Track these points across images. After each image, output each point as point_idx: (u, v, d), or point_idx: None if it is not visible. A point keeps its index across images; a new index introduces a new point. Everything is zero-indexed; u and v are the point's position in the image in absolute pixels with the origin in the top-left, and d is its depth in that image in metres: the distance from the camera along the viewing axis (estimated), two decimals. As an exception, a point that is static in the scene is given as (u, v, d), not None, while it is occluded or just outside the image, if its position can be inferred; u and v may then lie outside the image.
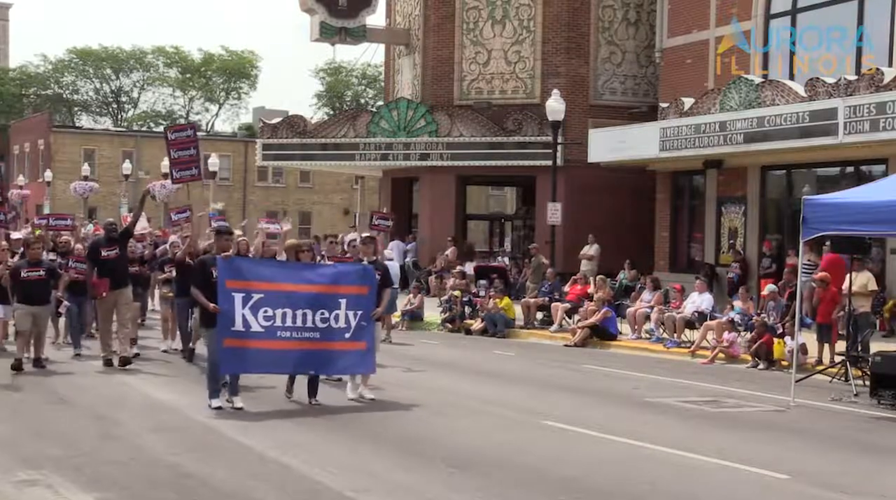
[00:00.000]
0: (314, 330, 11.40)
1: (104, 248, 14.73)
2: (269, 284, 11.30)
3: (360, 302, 11.63)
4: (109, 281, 14.46)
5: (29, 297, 14.03)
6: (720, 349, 17.44)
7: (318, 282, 11.61)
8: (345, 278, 11.75)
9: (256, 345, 11.16)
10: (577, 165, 27.68)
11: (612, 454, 9.60)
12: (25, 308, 14.03)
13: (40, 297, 14.11)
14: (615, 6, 29.79)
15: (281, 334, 11.26)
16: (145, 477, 8.32)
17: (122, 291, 14.72)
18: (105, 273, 14.57)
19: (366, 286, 11.74)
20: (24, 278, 14.07)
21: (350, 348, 11.62)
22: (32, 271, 14.09)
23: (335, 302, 11.48)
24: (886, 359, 13.35)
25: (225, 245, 11.78)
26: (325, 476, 8.42)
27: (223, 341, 10.99)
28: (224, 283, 11.02)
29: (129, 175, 49.65)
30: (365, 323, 11.64)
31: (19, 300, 14.17)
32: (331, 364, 11.77)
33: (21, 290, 14.13)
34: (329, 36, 31.72)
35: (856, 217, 12.71)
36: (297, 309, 11.29)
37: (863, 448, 10.41)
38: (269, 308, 11.15)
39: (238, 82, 77.01)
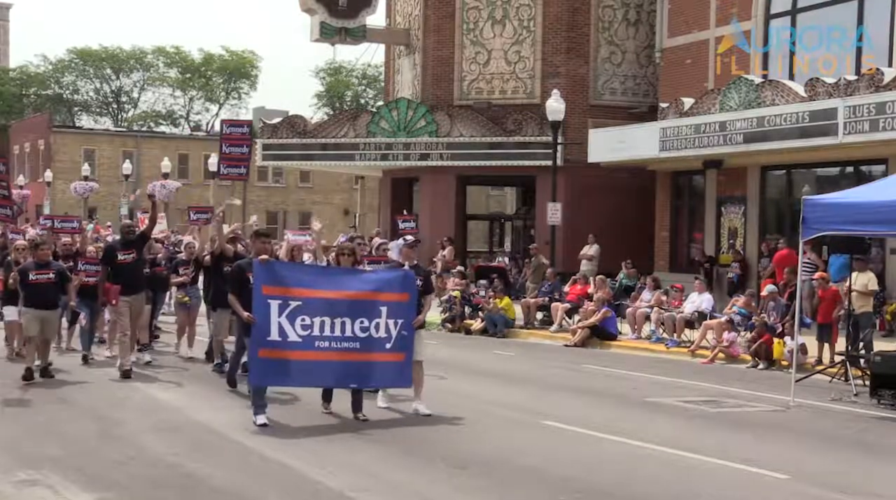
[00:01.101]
0: (354, 340, 10.66)
1: (120, 251, 13.96)
2: (308, 290, 10.54)
3: (401, 310, 10.87)
4: (122, 287, 13.62)
5: (37, 300, 13.20)
6: (720, 349, 17.44)
7: (358, 288, 10.82)
8: (386, 285, 10.97)
9: (293, 356, 10.43)
10: (577, 165, 27.68)
11: (612, 453, 9.60)
12: (33, 312, 13.18)
13: (49, 301, 13.32)
14: (615, 6, 29.79)
15: (319, 344, 10.51)
16: (145, 477, 8.32)
17: (137, 297, 14.00)
18: (120, 278, 13.73)
19: (406, 293, 10.96)
20: (33, 280, 13.23)
21: (389, 360, 10.88)
22: (41, 274, 13.27)
23: (376, 310, 10.71)
24: (886, 359, 13.36)
25: (262, 248, 11.07)
26: (325, 476, 8.42)
27: (258, 351, 10.31)
28: (260, 289, 10.30)
29: (129, 175, 49.67)
30: (406, 333, 10.88)
31: (27, 304, 13.30)
32: (370, 377, 10.95)
33: (29, 293, 13.28)
34: (329, 36, 31.72)
35: (856, 217, 12.72)
36: (337, 317, 10.54)
37: (863, 448, 10.41)
38: (307, 317, 10.39)
39: (238, 82, 77.06)
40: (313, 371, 10.65)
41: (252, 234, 12.03)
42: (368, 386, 11.21)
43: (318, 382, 10.99)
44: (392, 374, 11.00)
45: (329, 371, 10.69)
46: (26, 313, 13.24)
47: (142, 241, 14.35)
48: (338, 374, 10.72)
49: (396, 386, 11.28)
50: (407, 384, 11.12)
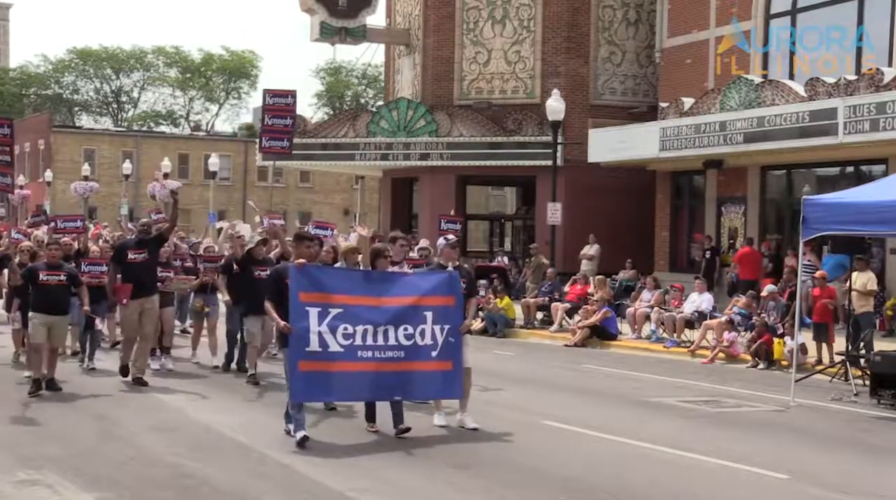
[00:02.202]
0: (398, 349, 9.91)
1: (132, 250, 13.10)
2: (349, 296, 9.81)
3: (448, 315, 10.17)
4: (133, 287, 12.85)
5: (47, 304, 12.19)
6: (720, 349, 17.45)
7: (401, 293, 10.10)
8: (430, 288, 10.23)
9: (335, 368, 9.68)
10: (577, 165, 27.68)
11: (612, 453, 9.60)
12: (41, 318, 12.17)
13: (60, 305, 12.33)
14: (615, 6, 29.79)
15: (362, 354, 9.76)
16: (145, 477, 8.32)
17: (148, 299, 13.11)
18: (129, 278, 12.92)
19: (452, 296, 10.24)
20: (43, 282, 12.25)
21: (436, 369, 10.14)
22: (52, 275, 12.30)
23: (420, 316, 10.01)
24: (886, 359, 13.36)
25: (306, 253, 10.15)
26: (325, 476, 8.42)
27: (297, 364, 9.50)
28: (297, 296, 9.51)
29: (129, 175, 49.69)
30: (452, 339, 10.17)
31: (35, 308, 12.31)
32: (417, 388, 10.25)
33: (38, 296, 12.30)
34: (329, 36, 31.73)
35: (856, 217, 12.72)
36: (380, 325, 9.82)
37: (863, 448, 10.41)
38: (349, 325, 9.67)
39: (238, 82, 77.09)
40: (357, 384, 9.89)
41: (294, 237, 10.97)
42: (414, 398, 10.66)
43: (363, 395, 10.15)
44: (440, 384, 10.25)
45: (373, 383, 9.91)
46: (33, 319, 12.30)
47: (157, 242, 13.51)
48: (382, 386, 9.94)
49: (445, 397, 10.53)
50: (458, 395, 10.38)
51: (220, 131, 74.92)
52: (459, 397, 10.40)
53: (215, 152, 49.81)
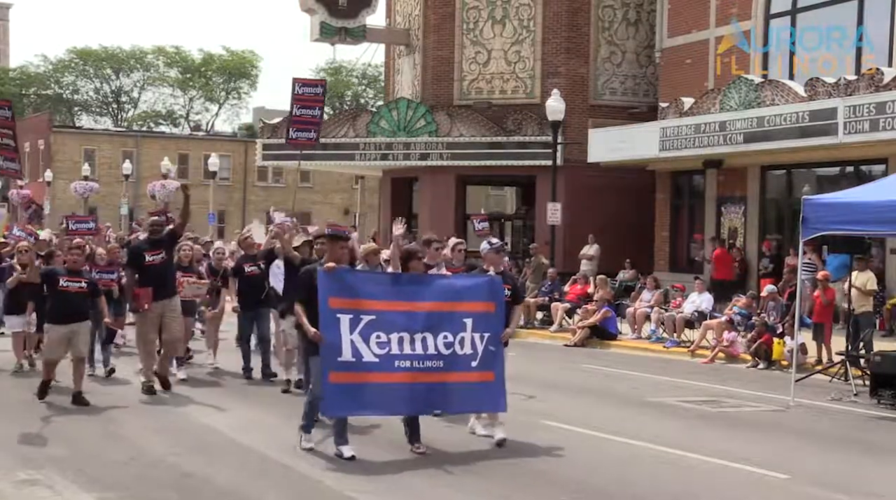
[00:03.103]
0: (437, 358, 9.25)
1: (148, 252, 12.41)
2: (383, 302, 9.16)
3: (489, 322, 9.50)
4: (154, 291, 12.22)
5: (66, 313, 11.37)
6: (720, 349, 17.46)
7: (438, 298, 9.42)
8: (469, 293, 9.58)
9: (369, 379, 9.01)
10: (577, 165, 27.68)
11: (612, 454, 9.60)
12: (58, 330, 11.39)
13: (79, 313, 11.51)
14: (615, 6, 29.78)
15: (399, 364, 9.10)
16: (146, 477, 8.33)
17: (169, 302, 12.50)
18: (148, 282, 12.27)
19: (493, 302, 9.59)
20: (63, 288, 11.40)
21: (477, 380, 9.48)
22: (73, 281, 11.49)
23: (459, 322, 9.35)
24: (886, 359, 13.37)
25: (339, 254, 9.34)
26: (325, 476, 8.43)
27: (328, 375, 8.83)
28: (327, 302, 8.86)
29: (129, 175, 49.68)
30: (493, 348, 9.51)
31: (51, 319, 11.50)
32: (457, 400, 9.60)
33: (56, 303, 11.49)
34: (329, 36, 31.72)
35: (856, 217, 12.73)
36: (416, 332, 9.16)
37: (863, 448, 10.42)
38: (383, 333, 9.02)
39: (238, 82, 77.09)
40: (393, 397, 9.17)
41: (327, 236, 10.16)
42: (455, 411, 10.05)
43: (400, 409, 9.41)
44: (481, 396, 9.60)
45: (411, 396, 9.20)
46: (50, 331, 11.49)
47: (171, 240, 12.83)
48: (421, 399, 9.28)
49: (488, 410, 9.88)
50: (502, 408, 9.69)
51: (220, 131, 74.94)
52: (504, 411, 9.74)
53: (215, 152, 49.77)
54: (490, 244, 10.32)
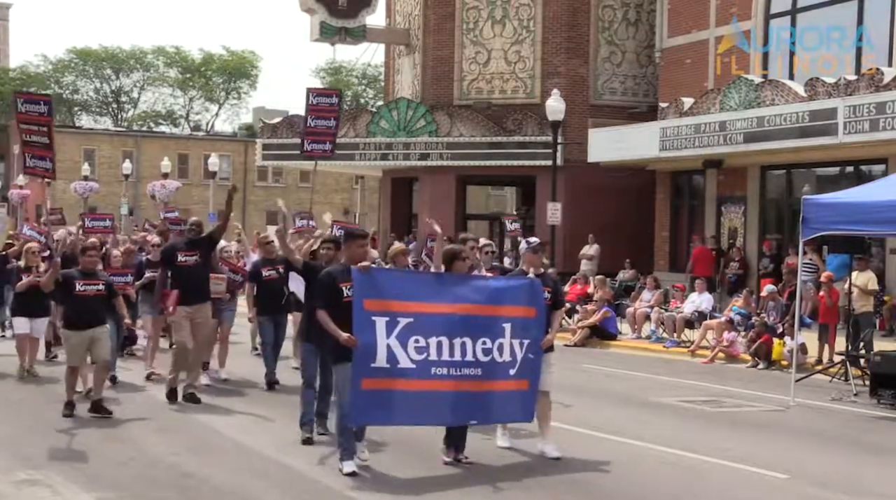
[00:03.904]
0: (475, 365, 8.68)
1: (182, 252, 11.87)
2: (420, 303, 8.58)
3: (528, 328, 8.97)
4: (181, 294, 11.66)
5: (84, 317, 10.85)
6: (720, 349, 17.46)
7: (476, 300, 8.84)
8: (509, 296, 9.01)
9: (403, 387, 8.42)
10: (577, 165, 27.68)
11: (612, 453, 9.60)
12: (78, 336, 10.81)
13: (98, 317, 11.02)
14: (615, 6, 29.79)
15: (436, 371, 8.53)
16: (146, 477, 8.33)
17: (200, 306, 11.91)
18: (179, 283, 11.75)
19: (534, 307, 9.04)
20: (80, 292, 10.85)
21: (513, 389, 8.95)
22: (90, 284, 10.93)
23: (498, 327, 8.80)
24: (886, 359, 13.37)
25: (359, 253, 8.75)
26: (325, 476, 8.43)
27: (361, 381, 8.23)
28: (361, 304, 8.30)
29: (128, 175, 49.69)
30: (532, 356, 8.97)
31: (70, 324, 10.97)
32: (495, 410, 9.05)
33: (73, 309, 10.96)
34: (329, 36, 31.73)
35: (856, 217, 12.73)
36: (455, 337, 8.60)
37: (863, 448, 10.42)
38: (421, 337, 8.46)
39: (238, 82, 77.09)
40: (428, 405, 8.62)
41: (345, 235, 9.57)
42: (492, 422, 9.51)
43: (434, 418, 8.86)
44: (514, 406, 9.06)
45: (447, 405, 8.67)
46: (69, 338, 10.93)
47: (209, 243, 12.16)
48: (458, 408, 8.72)
49: (518, 420, 9.41)
50: (528, 419, 9.22)
51: (219, 131, 74.98)
52: (530, 421, 9.25)
53: (215, 152, 49.80)
54: (528, 243, 9.73)
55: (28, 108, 12.10)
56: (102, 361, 10.98)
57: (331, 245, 9.91)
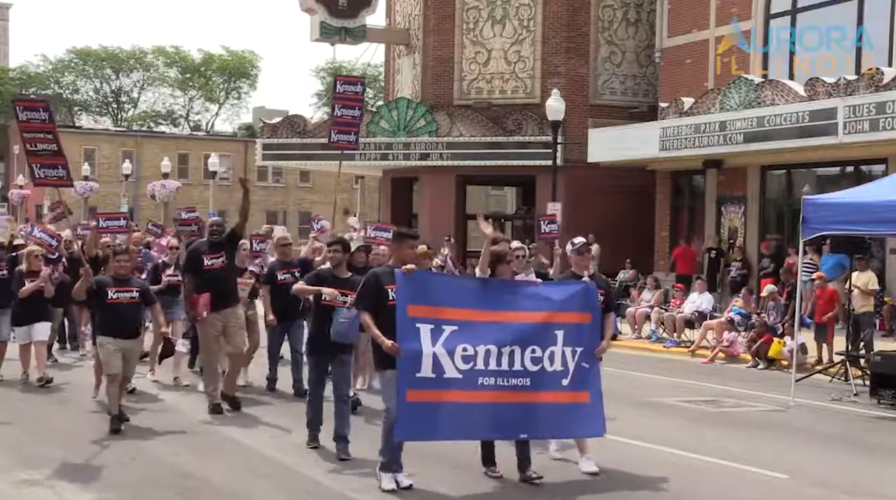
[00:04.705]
0: (524, 375, 8.17)
1: (206, 255, 11.26)
2: (466, 310, 8.11)
3: (581, 335, 8.43)
4: (212, 298, 11.07)
5: (118, 326, 10.30)
6: (720, 349, 17.46)
7: (527, 306, 8.36)
8: (561, 302, 8.48)
9: (449, 398, 7.91)
10: (577, 165, 27.68)
11: (612, 454, 9.59)
12: (115, 342, 10.28)
13: (132, 327, 10.49)
14: (615, 6, 29.78)
15: (483, 381, 8.02)
16: (146, 477, 8.33)
17: (232, 311, 11.36)
18: (207, 288, 11.11)
19: (588, 312, 8.53)
20: (113, 300, 10.33)
21: (568, 401, 8.38)
22: (123, 291, 10.41)
23: (549, 335, 8.28)
24: (886, 359, 13.38)
25: (408, 255, 8.27)
26: (325, 476, 8.43)
27: (406, 393, 7.75)
28: (406, 309, 7.82)
29: (129, 175, 49.69)
30: (587, 365, 8.46)
31: (104, 331, 10.43)
32: (545, 424, 8.43)
33: (107, 317, 10.41)
34: (329, 36, 31.72)
35: (856, 217, 12.73)
36: (503, 346, 8.09)
37: (863, 448, 10.42)
38: (468, 345, 7.97)
39: (238, 82, 77.12)
40: (473, 419, 8.08)
41: (393, 235, 8.99)
42: (542, 436, 8.95)
43: (480, 432, 8.34)
44: (574, 419, 8.48)
45: (493, 418, 8.14)
46: (106, 344, 10.36)
47: (232, 242, 11.61)
48: (506, 421, 8.18)
49: (583, 436, 8.81)
50: (599, 433, 8.64)
51: (219, 131, 74.97)
52: (601, 435, 8.71)
53: (215, 152, 49.77)
54: (572, 245, 9.16)
55: (29, 115, 11.58)
56: (128, 374, 10.57)
57: (338, 247, 9.47)
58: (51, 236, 14.61)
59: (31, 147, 11.56)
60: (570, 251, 9.14)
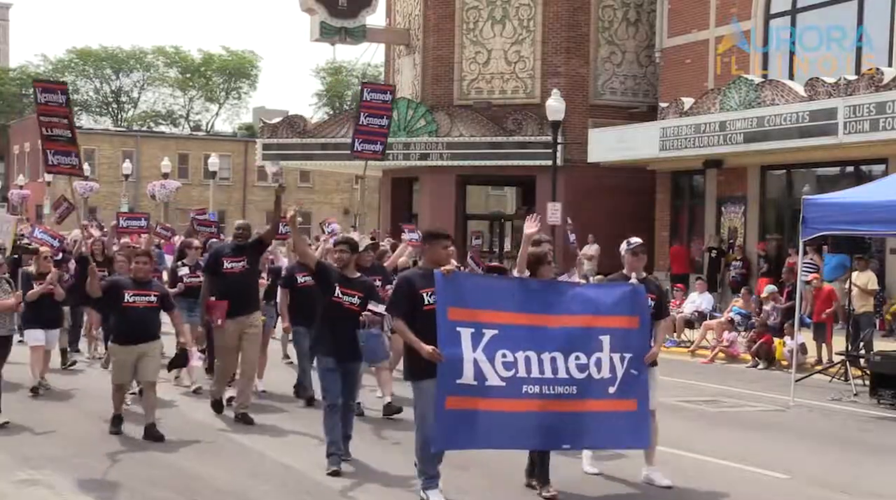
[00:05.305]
0: (569, 383, 7.75)
1: (228, 258, 10.81)
2: (506, 313, 7.70)
3: (630, 340, 8.07)
4: (231, 304, 10.62)
5: (134, 331, 9.82)
6: (720, 349, 17.46)
7: (571, 310, 7.95)
8: (608, 305, 8.08)
9: (490, 406, 7.54)
10: (577, 164, 27.67)
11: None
12: (125, 351, 9.84)
13: (148, 332, 9.94)
14: (615, 6, 29.77)
15: (526, 389, 7.63)
16: (145, 477, 8.33)
17: (247, 319, 10.86)
18: (226, 293, 10.66)
19: (636, 316, 8.14)
20: (129, 303, 9.77)
21: (615, 410, 7.97)
22: (140, 295, 9.84)
23: (595, 340, 7.89)
24: (886, 359, 13.38)
25: (442, 255, 7.80)
26: (325, 476, 8.42)
27: (445, 400, 7.36)
28: (446, 312, 7.41)
29: (128, 175, 49.69)
30: (636, 371, 8.08)
31: (118, 338, 9.97)
32: (590, 434, 8.00)
33: (123, 320, 9.89)
34: (329, 36, 31.71)
35: (856, 217, 12.74)
36: (545, 351, 7.69)
37: (863, 448, 10.42)
38: (509, 351, 7.56)
39: (238, 82, 77.14)
40: (517, 428, 7.67)
41: (424, 236, 8.39)
42: (586, 447, 8.59)
43: (524, 442, 7.93)
44: (619, 429, 8.08)
45: (536, 427, 7.73)
46: (116, 353, 9.97)
47: (258, 248, 11.12)
48: (548, 431, 7.76)
49: (628, 447, 8.57)
50: (644, 444, 8.33)
51: (219, 131, 74.98)
52: (646, 447, 8.38)
53: (215, 152, 49.76)
54: (628, 244, 8.78)
55: (48, 97, 11.03)
56: (149, 381, 9.95)
57: (345, 247, 9.00)
58: (52, 237, 14.32)
59: (47, 132, 11.12)
60: (624, 251, 8.76)
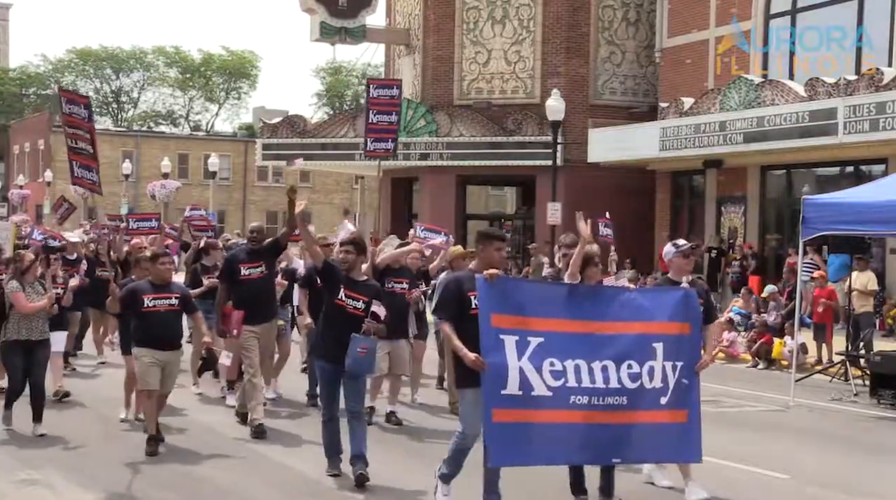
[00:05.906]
0: (621, 393, 7.32)
1: (244, 263, 10.36)
2: (552, 320, 7.29)
3: (682, 348, 7.61)
4: (247, 312, 10.11)
5: (157, 337, 9.38)
6: (720, 349, 17.45)
7: (622, 316, 7.51)
8: (660, 311, 7.62)
9: (538, 418, 7.12)
10: (577, 165, 27.67)
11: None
12: (151, 354, 9.33)
13: (172, 337, 9.54)
14: (615, 6, 29.77)
15: (575, 400, 7.20)
16: (146, 477, 8.33)
17: (268, 326, 10.49)
18: (243, 300, 10.18)
19: (688, 323, 7.67)
20: (149, 308, 9.38)
21: (666, 421, 7.60)
22: (161, 298, 9.44)
23: (648, 348, 7.46)
24: (886, 359, 13.38)
25: (495, 257, 7.42)
26: (325, 477, 8.42)
27: (492, 413, 6.94)
28: (489, 318, 7.01)
29: (128, 175, 49.70)
30: (686, 381, 7.65)
31: (140, 342, 9.45)
32: (639, 447, 7.59)
33: (144, 326, 9.42)
34: (329, 36, 31.72)
35: (856, 217, 12.74)
36: (595, 360, 7.27)
37: (863, 448, 10.42)
38: (556, 359, 7.14)
39: (238, 82, 77.14)
40: (566, 441, 7.27)
41: (478, 236, 7.91)
42: (635, 460, 8.18)
43: (575, 456, 7.50)
44: (671, 442, 7.71)
45: (586, 440, 7.31)
46: (143, 356, 9.38)
47: (274, 252, 10.66)
48: (596, 444, 7.35)
49: (679, 461, 8.12)
50: (696, 457, 7.88)
51: (219, 131, 74.99)
52: (699, 460, 7.91)
53: (215, 152, 49.79)
54: (675, 247, 8.37)
55: (72, 109, 10.79)
56: (165, 391, 9.62)
57: (350, 247, 8.62)
58: (52, 238, 14.12)
59: (72, 143, 10.97)
60: (672, 254, 8.38)
